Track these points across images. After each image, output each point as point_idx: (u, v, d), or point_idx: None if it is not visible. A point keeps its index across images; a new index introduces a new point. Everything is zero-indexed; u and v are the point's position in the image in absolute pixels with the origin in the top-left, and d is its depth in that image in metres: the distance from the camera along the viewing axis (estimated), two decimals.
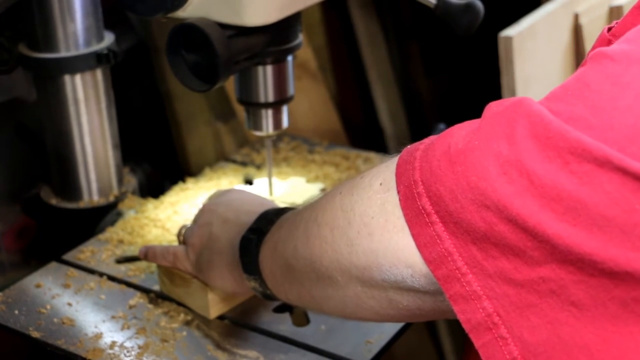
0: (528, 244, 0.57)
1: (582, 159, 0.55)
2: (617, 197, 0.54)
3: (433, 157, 0.63)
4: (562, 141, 0.56)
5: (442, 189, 0.61)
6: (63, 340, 0.96)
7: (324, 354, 0.95)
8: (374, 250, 0.67)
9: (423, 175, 0.63)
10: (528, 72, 1.35)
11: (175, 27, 0.93)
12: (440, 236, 0.61)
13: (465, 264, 0.60)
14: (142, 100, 1.47)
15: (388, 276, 0.66)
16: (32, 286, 1.07)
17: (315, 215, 0.74)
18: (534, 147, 0.57)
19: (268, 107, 1.07)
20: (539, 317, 0.58)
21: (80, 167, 1.23)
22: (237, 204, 0.96)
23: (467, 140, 0.61)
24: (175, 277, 1.01)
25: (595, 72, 0.59)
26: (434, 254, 0.62)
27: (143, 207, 1.24)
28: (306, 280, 0.76)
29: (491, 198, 0.58)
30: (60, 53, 1.16)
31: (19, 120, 1.28)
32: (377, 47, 1.90)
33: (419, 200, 0.63)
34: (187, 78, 0.96)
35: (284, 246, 0.79)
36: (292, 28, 1.01)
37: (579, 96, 0.58)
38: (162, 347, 0.95)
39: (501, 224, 0.58)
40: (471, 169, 0.59)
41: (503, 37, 1.29)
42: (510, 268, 0.58)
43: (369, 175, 0.70)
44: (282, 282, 0.82)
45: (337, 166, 1.36)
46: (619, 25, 0.67)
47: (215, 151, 1.50)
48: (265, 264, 0.84)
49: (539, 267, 0.57)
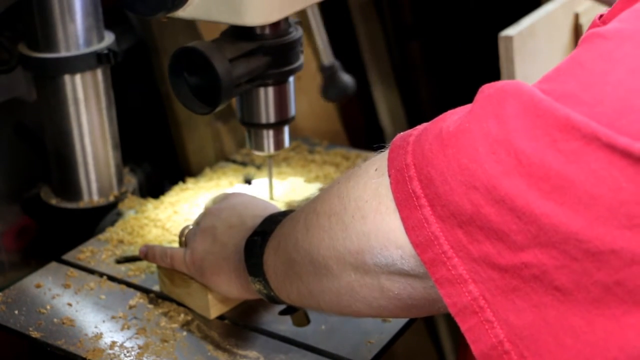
0: (513, 227, 0.57)
1: (570, 136, 0.55)
2: (604, 175, 0.54)
3: (425, 141, 0.63)
4: (551, 119, 0.56)
5: (433, 172, 0.61)
6: (63, 341, 0.96)
7: (324, 354, 0.95)
8: (366, 233, 0.67)
9: (415, 158, 0.63)
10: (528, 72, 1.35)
11: (177, 51, 0.95)
12: (428, 219, 0.62)
13: (451, 248, 0.61)
14: (142, 100, 1.47)
15: (379, 259, 0.67)
16: (32, 286, 1.06)
17: (315, 206, 0.75)
18: (522, 125, 0.57)
19: (269, 127, 1.08)
20: (524, 301, 0.58)
21: (80, 167, 1.23)
22: (241, 208, 0.96)
23: (458, 122, 0.62)
24: (176, 278, 1.01)
25: (587, 51, 0.59)
26: (421, 237, 0.62)
27: (143, 207, 1.24)
28: (304, 274, 0.77)
29: (480, 179, 0.58)
30: (60, 53, 1.16)
31: (18, 120, 1.28)
32: (377, 47, 1.90)
33: (410, 183, 0.63)
34: (189, 100, 0.97)
35: (286, 241, 0.80)
36: (294, 50, 1.02)
37: (571, 74, 0.58)
38: (162, 347, 0.95)
39: (488, 206, 0.58)
40: (462, 151, 0.60)
41: (503, 37, 1.29)
42: (494, 252, 0.59)
43: (365, 164, 0.71)
44: (283, 280, 0.82)
45: (337, 166, 1.36)
46: (609, 12, 0.67)
47: (215, 151, 1.50)
48: (269, 263, 0.84)
49: (522, 252, 0.57)
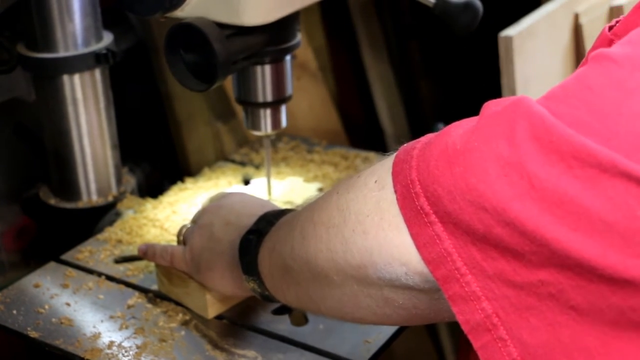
0: (526, 248, 0.56)
1: (586, 163, 0.54)
2: (620, 202, 0.54)
3: (430, 157, 0.62)
4: (565, 145, 0.55)
5: (440, 190, 0.60)
6: (61, 340, 0.96)
7: (322, 353, 0.95)
8: (368, 249, 0.66)
9: (420, 175, 0.62)
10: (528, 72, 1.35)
11: (173, 27, 0.93)
12: (440, 236, 0.61)
13: (464, 265, 0.60)
14: (141, 100, 1.47)
15: (383, 274, 0.66)
16: (30, 286, 1.06)
17: (312, 215, 0.74)
18: (535, 149, 0.56)
19: (266, 106, 1.07)
20: (539, 319, 0.58)
21: (79, 167, 1.23)
22: (239, 207, 0.96)
23: (465, 140, 0.61)
24: (174, 277, 1.01)
25: (597, 74, 0.58)
26: (433, 254, 0.61)
27: (142, 207, 1.24)
28: (303, 281, 0.76)
29: (489, 200, 0.57)
30: (59, 53, 1.16)
31: (18, 120, 1.28)
32: (377, 47, 1.90)
33: (417, 200, 0.62)
34: (185, 78, 0.96)
35: (282, 247, 0.79)
36: (291, 27, 1.01)
37: (582, 99, 0.57)
38: (160, 346, 0.95)
39: (499, 227, 0.57)
40: (470, 170, 0.59)
41: (503, 37, 1.29)
42: (509, 270, 0.58)
43: (364, 174, 0.70)
44: (280, 282, 0.82)
45: (336, 166, 1.35)
46: (620, 24, 0.67)
47: (215, 151, 1.50)
48: (264, 264, 0.84)
49: (538, 270, 0.57)
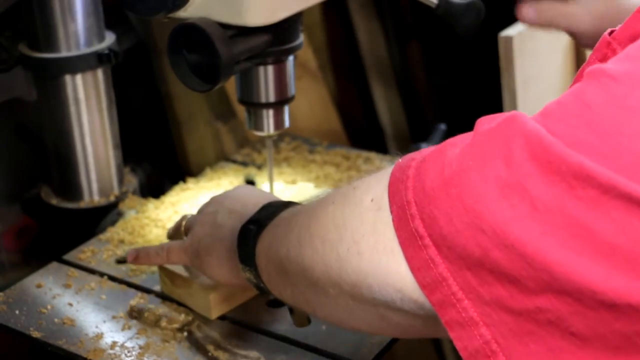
0: (523, 273, 0.55)
1: (587, 184, 0.53)
2: (624, 224, 0.52)
3: (426, 177, 0.61)
4: (565, 165, 0.54)
5: (436, 212, 0.59)
6: (64, 341, 0.96)
7: (324, 354, 0.95)
8: (363, 270, 0.65)
9: (416, 196, 0.61)
10: (528, 72, 1.35)
11: (176, 27, 0.93)
12: (434, 260, 0.59)
13: (460, 290, 0.59)
14: (143, 100, 1.47)
15: (377, 296, 0.65)
16: (32, 286, 1.06)
17: (309, 223, 0.72)
18: (535, 170, 0.55)
19: (269, 107, 1.07)
20: (539, 345, 0.56)
21: (81, 167, 1.23)
22: (245, 198, 0.95)
23: (460, 159, 0.59)
24: (176, 278, 1.01)
25: (596, 91, 0.57)
26: (428, 279, 0.60)
27: (144, 207, 1.24)
28: (299, 284, 0.75)
29: (488, 222, 0.56)
30: (61, 53, 1.16)
31: (19, 120, 1.28)
32: (377, 47, 1.90)
33: (412, 222, 0.61)
34: (188, 78, 0.95)
35: (278, 247, 0.78)
36: (294, 28, 1.01)
37: (580, 117, 0.56)
38: (163, 347, 0.95)
39: (496, 250, 0.56)
40: (467, 192, 0.57)
41: (503, 37, 1.29)
42: (506, 296, 0.57)
43: (360, 189, 0.68)
44: (276, 279, 0.81)
45: (338, 166, 1.36)
46: (621, 29, 0.65)
47: (216, 151, 1.50)
48: (261, 258, 0.83)
49: (535, 296, 0.55)
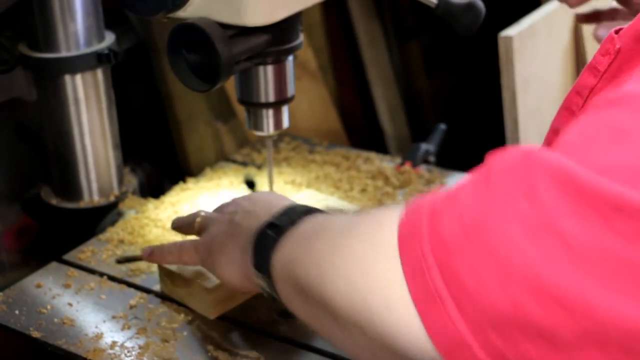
0: (560, 323, 0.50)
1: (626, 215, 0.48)
2: None
3: (444, 227, 0.56)
4: (599, 196, 0.49)
5: (459, 265, 0.54)
6: (64, 341, 0.96)
7: (325, 354, 0.95)
8: (379, 331, 0.60)
9: (434, 248, 0.56)
10: (528, 72, 1.35)
11: (176, 27, 0.93)
12: (454, 321, 0.54)
13: (483, 351, 0.54)
14: (142, 100, 1.48)
15: (402, 354, 0.59)
16: (32, 286, 1.06)
17: (332, 258, 0.66)
18: (563, 205, 0.50)
19: (269, 107, 1.07)
20: None
21: (81, 167, 1.23)
22: (267, 200, 0.91)
23: (478, 204, 0.55)
24: (176, 278, 1.01)
25: (628, 115, 0.52)
26: (448, 343, 0.55)
27: (143, 207, 1.24)
28: (317, 309, 0.69)
29: (519, 268, 0.51)
30: (60, 53, 1.16)
31: (19, 120, 1.28)
32: (377, 47, 1.90)
33: (430, 277, 0.55)
34: (187, 78, 0.95)
35: (296, 267, 0.72)
36: (293, 28, 1.01)
37: (615, 143, 0.51)
38: (163, 347, 0.95)
39: (529, 300, 0.51)
40: (492, 239, 0.53)
41: (503, 37, 1.29)
42: (534, 355, 0.52)
43: (384, 225, 0.62)
44: (292, 295, 0.75)
45: (338, 166, 1.36)
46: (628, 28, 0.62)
47: (216, 151, 1.51)
48: (277, 271, 0.77)
49: (572, 351, 0.50)
